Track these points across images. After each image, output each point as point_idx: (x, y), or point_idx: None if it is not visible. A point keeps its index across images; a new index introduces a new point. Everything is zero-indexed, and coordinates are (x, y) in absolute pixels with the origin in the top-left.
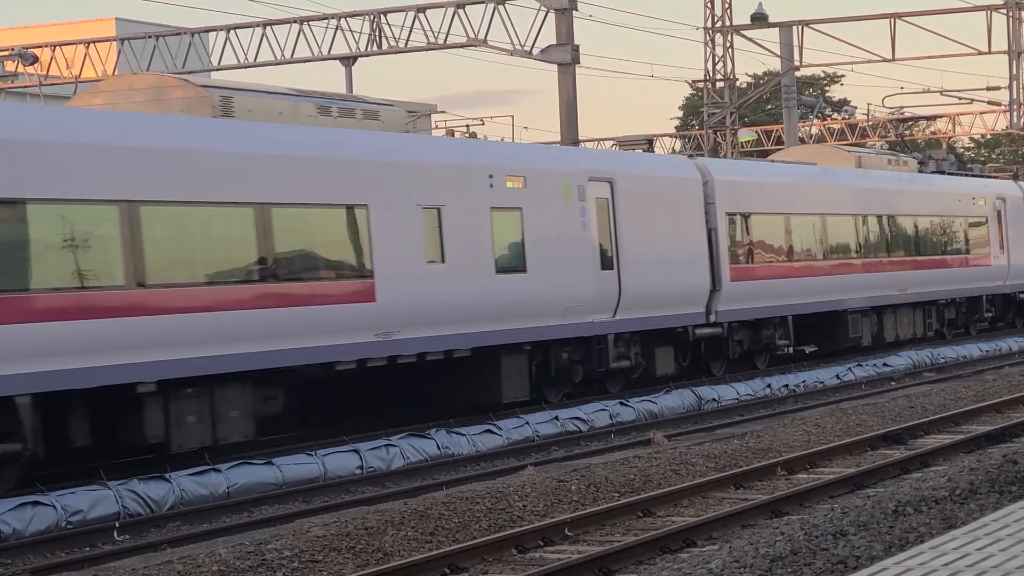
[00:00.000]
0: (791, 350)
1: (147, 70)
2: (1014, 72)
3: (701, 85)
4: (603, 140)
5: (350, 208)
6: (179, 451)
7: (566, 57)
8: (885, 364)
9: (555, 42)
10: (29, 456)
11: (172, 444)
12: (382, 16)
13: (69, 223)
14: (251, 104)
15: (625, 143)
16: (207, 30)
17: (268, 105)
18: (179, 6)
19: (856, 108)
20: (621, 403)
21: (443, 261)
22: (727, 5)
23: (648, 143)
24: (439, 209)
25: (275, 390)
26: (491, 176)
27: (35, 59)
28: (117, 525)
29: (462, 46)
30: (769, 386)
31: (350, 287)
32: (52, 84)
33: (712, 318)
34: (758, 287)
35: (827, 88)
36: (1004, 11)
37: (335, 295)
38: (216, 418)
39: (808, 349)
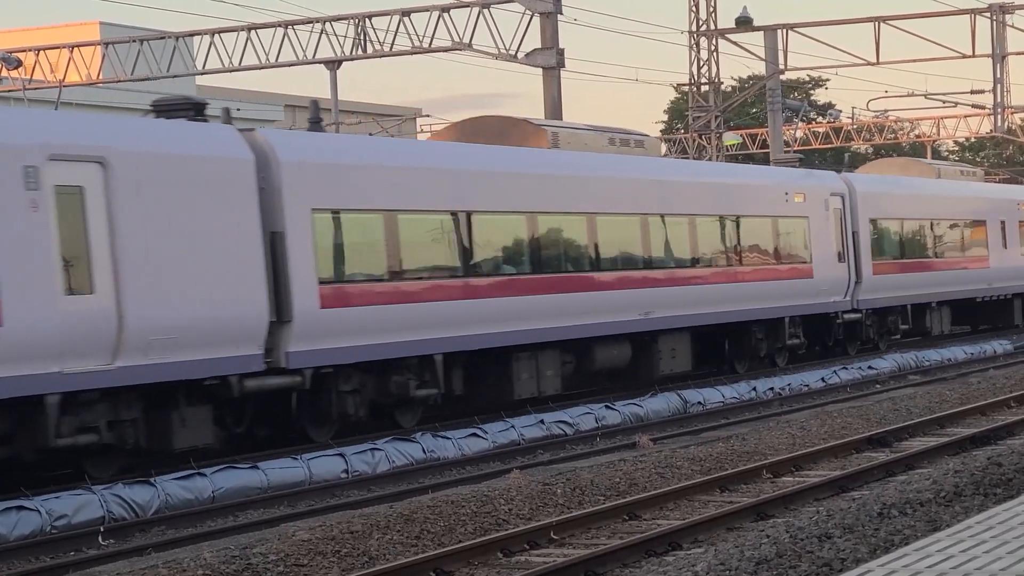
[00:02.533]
0: None
1: (131, 74)
2: (998, 75)
3: (686, 88)
4: None
5: (974, 222)
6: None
7: (551, 61)
8: (870, 367)
9: (540, 46)
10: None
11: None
12: (367, 20)
13: None
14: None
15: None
16: (191, 34)
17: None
18: (163, 10)
19: (841, 111)
20: (606, 406)
21: (1006, 248)
22: (712, 9)
23: None
24: (1003, 221)
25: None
26: (1020, 203)
27: (19, 63)
28: (102, 529)
29: (447, 50)
30: (754, 389)
31: (976, 261)
32: (36, 88)
33: None
34: None
35: (812, 92)
36: (988, 15)
37: (971, 262)
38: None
39: None
